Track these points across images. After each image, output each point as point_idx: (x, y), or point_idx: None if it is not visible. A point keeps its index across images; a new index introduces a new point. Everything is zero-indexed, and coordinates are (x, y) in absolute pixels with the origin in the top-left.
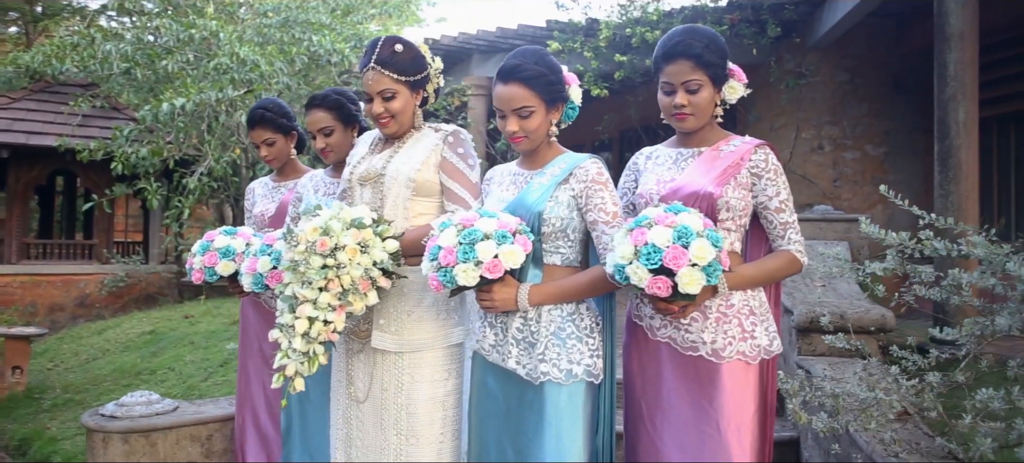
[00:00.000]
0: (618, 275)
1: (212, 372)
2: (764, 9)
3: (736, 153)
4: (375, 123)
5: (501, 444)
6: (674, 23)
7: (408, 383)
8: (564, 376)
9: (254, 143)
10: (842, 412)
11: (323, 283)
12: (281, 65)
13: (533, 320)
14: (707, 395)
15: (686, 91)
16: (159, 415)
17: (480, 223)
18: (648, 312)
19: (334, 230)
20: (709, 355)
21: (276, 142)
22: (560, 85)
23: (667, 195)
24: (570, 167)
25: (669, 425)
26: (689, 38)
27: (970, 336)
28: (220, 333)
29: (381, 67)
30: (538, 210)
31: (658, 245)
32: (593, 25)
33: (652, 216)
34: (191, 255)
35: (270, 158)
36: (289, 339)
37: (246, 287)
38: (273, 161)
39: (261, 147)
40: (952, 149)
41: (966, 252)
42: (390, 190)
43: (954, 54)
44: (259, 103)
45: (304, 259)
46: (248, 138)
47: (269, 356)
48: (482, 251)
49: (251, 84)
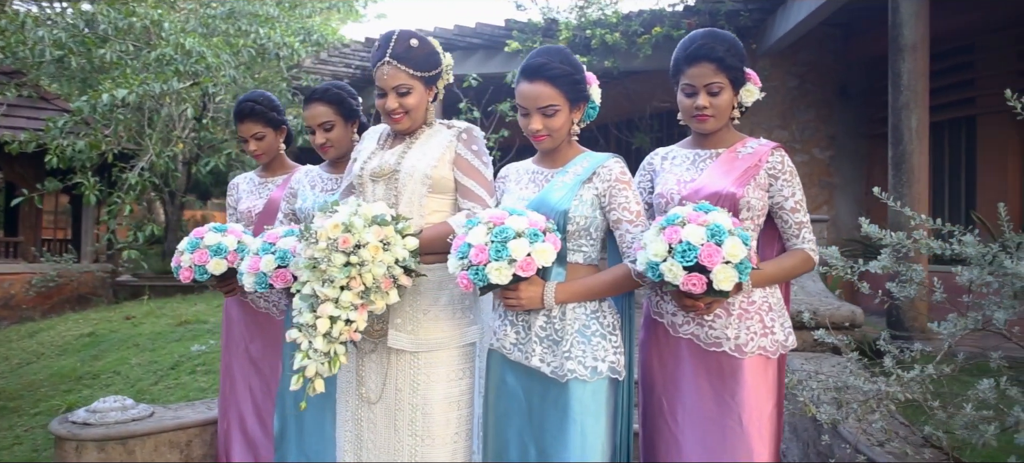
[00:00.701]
0: (651, 272)
1: (162, 375)
2: (721, 15)
3: (754, 155)
4: (387, 119)
5: (523, 442)
6: (632, 26)
7: (424, 383)
8: (589, 373)
9: (242, 137)
10: (843, 404)
11: (345, 281)
12: (227, 57)
13: (557, 318)
14: (729, 389)
15: (708, 93)
16: (136, 421)
17: (511, 221)
18: (670, 309)
19: (356, 227)
20: (732, 351)
21: (266, 136)
22: (583, 84)
23: (688, 195)
24: (593, 166)
25: (691, 420)
26: (712, 41)
27: (951, 333)
28: (167, 334)
29: (397, 62)
30: (564, 209)
31: (693, 243)
32: (552, 26)
33: (684, 214)
34: (178, 253)
35: (259, 153)
36: (310, 339)
37: (247, 287)
38: (262, 156)
39: (250, 142)
40: (905, 154)
41: (958, 250)
42: (405, 186)
43: (907, 64)
44: (248, 96)
45: (325, 257)
46: (237, 132)
47: (257, 357)
48: (515, 249)
49: (197, 76)
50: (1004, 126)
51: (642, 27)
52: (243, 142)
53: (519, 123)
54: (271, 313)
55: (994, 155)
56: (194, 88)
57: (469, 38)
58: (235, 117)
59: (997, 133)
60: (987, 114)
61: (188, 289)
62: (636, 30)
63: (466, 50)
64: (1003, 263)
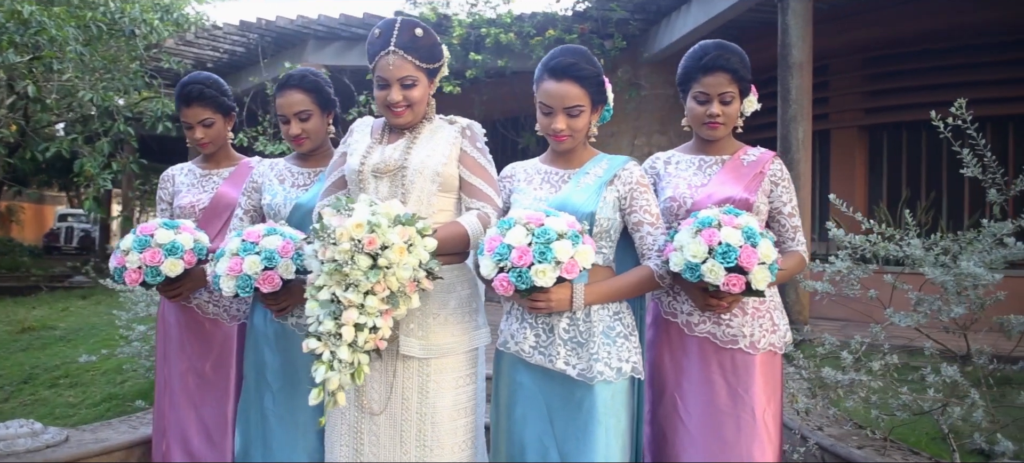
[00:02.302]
0: (689, 273)
1: (13, 391)
2: (611, 23)
3: (759, 163)
4: (387, 111)
5: (542, 445)
6: (525, 27)
7: (433, 390)
8: (615, 374)
9: (186, 124)
10: (818, 395)
11: (370, 286)
12: (74, 31)
13: (581, 320)
14: (743, 384)
15: (721, 102)
16: (52, 447)
17: (550, 222)
18: (686, 309)
19: (382, 226)
20: (747, 347)
21: (215, 123)
22: (605, 86)
23: (701, 199)
24: (614, 168)
25: (705, 415)
26: (727, 53)
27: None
28: (8, 344)
29: (403, 52)
30: (590, 211)
31: (732, 244)
32: (444, 21)
33: (717, 216)
34: (121, 252)
35: (206, 141)
36: (333, 349)
37: (226, 291)
38: (209, 145)
39: (196, 128)
40: (793, 162)
41: (906, 253)
42: (414, 184)
43: (796, 80)
44: (194, 77)
45: (348, 259)
46: (181, 117)
47: (204, 368)
48: (559, 251)
49: (38, 49)
50: (852, 138)
51: (535, 29)
52: (187, 129)
53: (538, 121)
54: (220, 319)
55: (844, 165)
56: (36, 62)
57: (355, 28)
58: (180, 101)
59: (846, 144)
60: (839, 128)
61: (17, 291)
62: (529, 31)
63: (350, 40)
64: (961, 264)
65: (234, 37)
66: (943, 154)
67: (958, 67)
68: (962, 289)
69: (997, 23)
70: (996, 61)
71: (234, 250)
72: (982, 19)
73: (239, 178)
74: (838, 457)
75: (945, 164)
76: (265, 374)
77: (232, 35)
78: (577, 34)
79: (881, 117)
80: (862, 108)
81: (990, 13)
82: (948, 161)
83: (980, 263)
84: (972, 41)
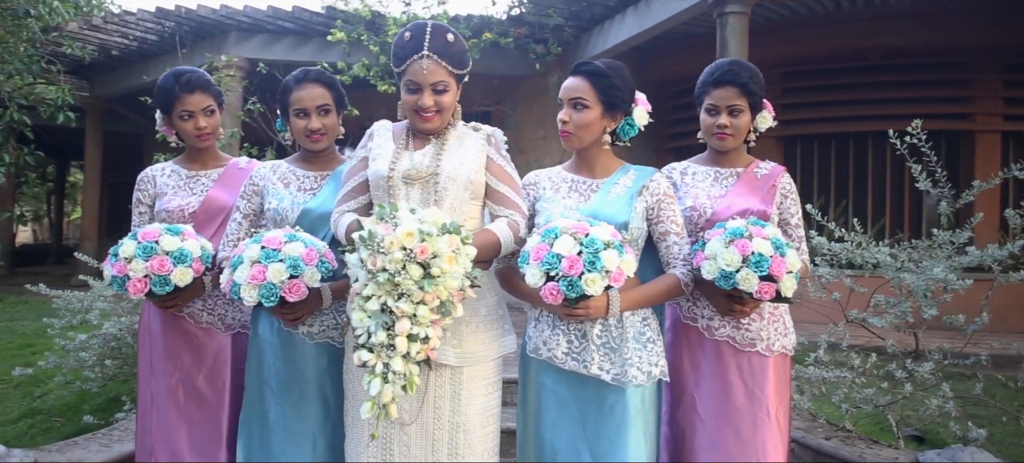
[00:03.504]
0: (723, 281)
1: None
2: (547, 28)
3: (771, 176)
4: (416, 116)
5: (575, 448)
6: (461, 29)
7: (465, 398)
8: (646, 377)
9: (186, 112)
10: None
11: (422, 296)
12: None
13: (614, 325)
14: (759, 384)
15: (729, 114)
16: None
17: (595, 231)
18: (706, 314)
19: (432, 235)
20: (763, 350)
21: (216, 113)
22: (623, 93)
23: (721, 209)
24: (642, 179)
25: (723, 414)
26: (737, 68)
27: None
28: None
29: (438, 56)
30: (625, 221)
31: (764, 254)
32: (379, 19)
33: (746, 228)
34: (122, 259)
35: (208, 131)
36: (386, 361)
37: (248, 301)
38: (208, 137)
39: (199, 116)
40: None
41: (878, 259)
42: (447, 191)
43: None
44: (183, 68)
45: (399, 268)
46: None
47: (199, 381)
48: (607, 260)
49: None
50: (770, 147)
51: (471, 31)
52: (185, 118)
53: None
54: (214, 329)
55: None
56: None
57: (282, 21)
58: (181, 89)
59: (766, 153)
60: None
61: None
62: (465, 33)
63: (276, 34)
64: (932, 270)
65: (148, 24)
66: (850, 165)
67: (872, 85)
68: (933, 292)
69: (922, 45)
70: (915, 80)
71: (254, 257)
72: (906, 41)
73: (230, 180)
74: (808, 448)
75: (852, 175)
76: (271, 384)
77: (146, 22)
78: (513, 38)
79: (796, 129)
80: (782, 120)
81: (910, 36)
82: (855, 172)
83: (948, 269)
84: (891, 61)
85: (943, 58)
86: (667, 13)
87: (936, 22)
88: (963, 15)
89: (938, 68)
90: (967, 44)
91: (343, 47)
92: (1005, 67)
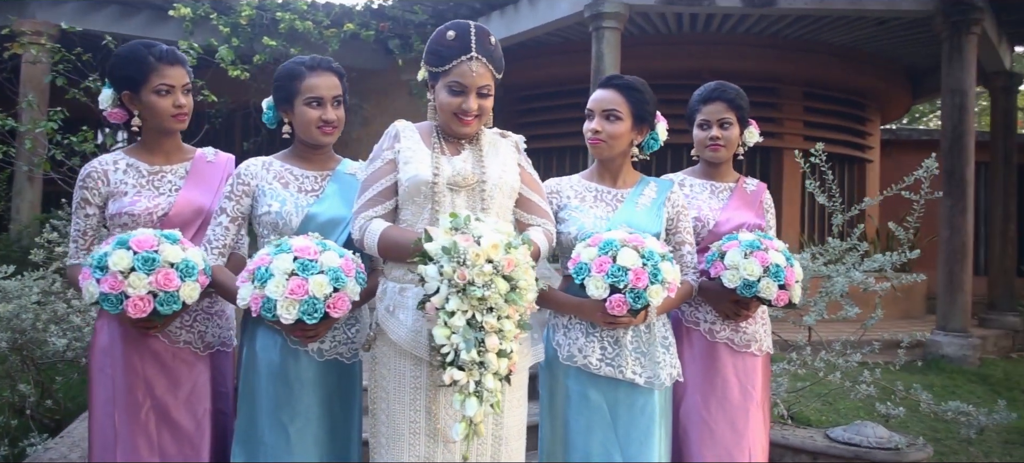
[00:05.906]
0: (745, 289)
1: None
2: (412, 25)
3: (758, 192)
4: (455, 119)
5: (608, 451)
6: (320, 17)
7: (506, 409)
8: (669, 379)
9: (165, 86)
10: None
11: (508, 310)
12: None
13: (644, 330)
14: (751, 381)
15: (719, 127)
16: None
17: (651, 243)
18: (708, 318)
19: (514, 247)
20: (756, 351)
21: (191, 91)
22: (651, 108)
23: (722, 222)
24: (664, 191)
25: (722, 410)
26: (724, 87)
27: None
28: None
29: (487, 59)
30: (656, 231)
31: (780, 266)
32: None
33: (760, 241)
34: (114, 274)
35: (185, 112)
36: (477, 379)
37: (287, 319)
38: (184, 120)
39: (178, 92)
40: None
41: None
42: (493, 199)
43: None
44: (153, 40)
45: (488, 281)
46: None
47: (180, 414)
48: (666, 271)
49: None
50: None
51: (330, 20)
52: (162, 93)
53: (584, 131)
54: (193, 348)
55: None
56: None
57: None
58: (160, 59)
59: None
60: None
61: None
62: (324, 21)
63: (126, 8)
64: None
65: None
66: None
67: None
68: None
69: (743, 71)
70: None
71: (287, 269)
72: (733, 66)
73: (201, 177)
74: None
75: None
76: (270, 409)
77: None
78: (375, 31)
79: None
80: None
81: (736, 61)
82: None
83: (864, 273)
84: None
85: (759, 83)
86: (534, 22)
87: (753, 52)
88: (771, 48)
89: (757, 92)
90: (775, 73)
91: (186, 24)
92: (804, 94)
